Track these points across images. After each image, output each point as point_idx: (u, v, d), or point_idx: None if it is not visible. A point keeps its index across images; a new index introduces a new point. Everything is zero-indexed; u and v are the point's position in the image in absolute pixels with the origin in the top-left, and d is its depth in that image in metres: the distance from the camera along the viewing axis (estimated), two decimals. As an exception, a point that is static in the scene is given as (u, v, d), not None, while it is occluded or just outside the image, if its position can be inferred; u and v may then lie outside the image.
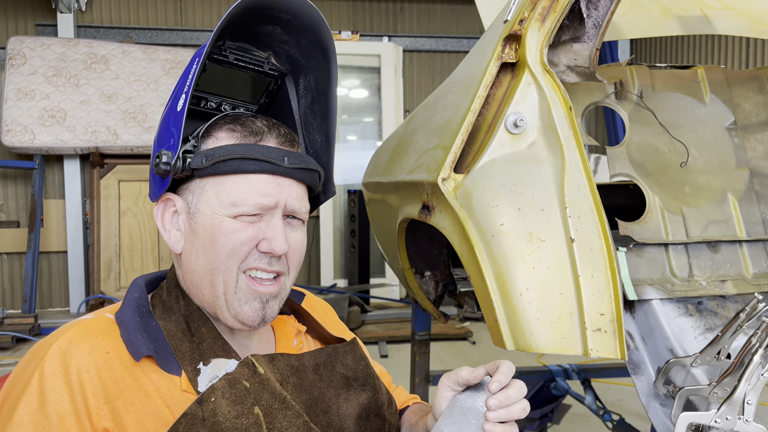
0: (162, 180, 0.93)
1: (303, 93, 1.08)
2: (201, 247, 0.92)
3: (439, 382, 0.96)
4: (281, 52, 1.05)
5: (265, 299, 0.94)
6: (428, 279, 2.20)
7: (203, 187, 0.92)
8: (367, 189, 2.38)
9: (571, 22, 1.25)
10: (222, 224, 0.90)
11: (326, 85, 1.04)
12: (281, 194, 0.92)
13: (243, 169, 0.90)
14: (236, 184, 0.90)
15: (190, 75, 0.91)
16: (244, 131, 0.93)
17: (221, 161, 0.89)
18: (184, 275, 0.95)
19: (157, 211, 0.96)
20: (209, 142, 0.93)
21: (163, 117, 0.96)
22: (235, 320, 0.93)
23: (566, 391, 3.12)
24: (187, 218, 0.94)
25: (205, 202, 0.91)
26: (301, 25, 0.98)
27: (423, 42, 7.45)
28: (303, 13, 0.96)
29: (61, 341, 0.84)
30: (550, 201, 1.13)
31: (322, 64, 1.03)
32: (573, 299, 1.08)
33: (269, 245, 0.91)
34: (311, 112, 1.08)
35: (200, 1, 7.02)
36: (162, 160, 0.89)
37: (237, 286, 0.92)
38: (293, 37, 1.01)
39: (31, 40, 6.17)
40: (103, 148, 6.16)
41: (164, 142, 0.93)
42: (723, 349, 1.16)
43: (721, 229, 1.46)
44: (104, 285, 6.13)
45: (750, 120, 1.63)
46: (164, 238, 0.96)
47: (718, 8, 1.87)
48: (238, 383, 0.86)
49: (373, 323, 5.96)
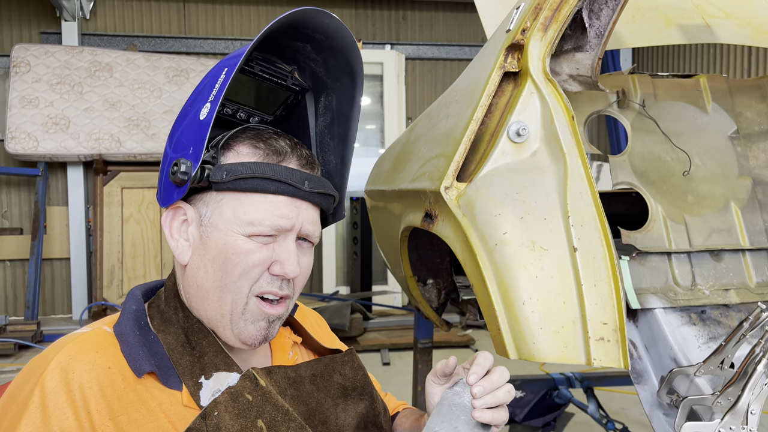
0: (177, 188, 0.90)
1: (322, 111, 1.06)
2: (211, 263, 0.90)
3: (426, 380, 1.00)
4: (306, 69, 1.04)
5: (271, 320, 0.93)
6: (431, 287, 2.20)
7: (219, 201, 0.90)
8: (370, 197, 2.38)
9: (574, 32, 1.26)
10: (236, 243, 0.88)
11: (349, 108, 1.03)
12: (298, 217, 0.91)
13: (264, 188, 0.88)
14: (255, 203, 0.89)
15: (217, 84, 0.88)
16: (267, 149, 0.91)
17: (242, 178, 0.88)
18: (188, 287, 0.94)
19: (166, 218, 0.93)
20: (230, 155, 0.91)
21: (181, 123, 0.94)
22: (237, 339, 0.92)
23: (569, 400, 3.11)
24: (198, 230, 0.92)
25: (220, 217, 0.89)
26: (333, 46, 0.97)
27: (425, 50, 7.48)
28: (337, 35, 0.95)
29: (61, 356, 0.82)
30: (552, 210, 1.13)
31: (347, 88, 1.02)
32: (576, 308, 1.08)
33: (282, 268, 0.90)
34: (329, 132, 1.06)
35: (204, 9, 7.06)
36: (180, 169, 0.86)
37: (246, 307, 0.90)
38: (322, 56, 1.00)
39: (36, 47, 6.21)
40: (106, 155, 6.19)
41: (181, 148, 0.90)
42: (726, 358, 1.15)
43: (724, 237, 1.46)
44: (107, 292, 6.13)
45: (752, 129, 1.63)
46: (171, 246, 0.93)
47: (720, 17, 1.87)
48: (240, 396, 0.85)
49: (375, 331, 5.95)
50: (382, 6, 7.45)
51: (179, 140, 0.92)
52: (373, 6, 7.43)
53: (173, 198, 0.91)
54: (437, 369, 0.97)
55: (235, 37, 6.96)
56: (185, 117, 0.93)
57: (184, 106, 0.96)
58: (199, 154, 0.86)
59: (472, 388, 0.89)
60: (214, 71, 0.92)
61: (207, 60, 6.61)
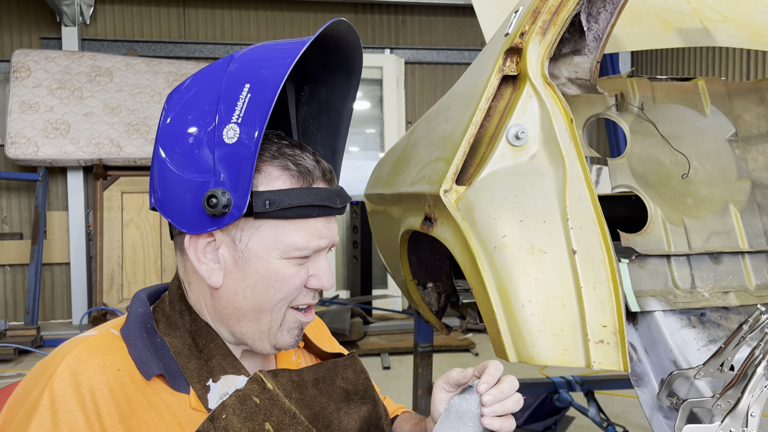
0: (211, 218, 0.85)
1: (306, 100, 1.05)
2: (251, 288, 0.89)
3: (434, 385, 0.99)
4: None
5: (303, 327, 0.96)
6: (430, 290, 2.20)
7: (259, 228, 0.87)
8: (370, 200, 2.39)
9: (572, 35, 1.26)
10: (278, 269, 0.88)
11: (341, 102, 1.03)
12: (332, 234, 0.93)
13: (307, 215, 0.88)
14: (297, 228, 0.88)
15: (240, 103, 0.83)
16: (296, 170, 0.88)
17: (288, 208, 0.86)
18: (220, 309, 0.91)
19: (189, 242, 0.89)
20: (261, 179, 0.87)
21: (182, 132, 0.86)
22: (272, 348, 0.93)
23: (569, 403, 3.11)
24: (231, 253, 0.88)
25: (260, 243, 0.87)
26: (338, 48, 0.96)
27: (424, 54, 7.49)
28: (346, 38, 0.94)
29: (70, 359, 0.82)
30: (551, 213, 1.13)
31: (341, 83, 1.01)
32: (575, 311, 1.08)
33: (319, 282, 0.92)
34: (315, 122, 1.06)
35: (203, 15, 7.08)
36: (222, 203, 0.81)
37: (284, 320, 0.92)
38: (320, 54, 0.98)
39: (36, 53, 6.22)
40: (106, 160, 6.19)
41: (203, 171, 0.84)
42: (726, 360, 1.15)
43: (723, 240, 1.46)
44: (107, 297, 6.13)
45: (751, 131, 1.63)
46: (199, 270, 0.89)
47: (718, 20, 1.88)
48: (248, 399, 0.86)
49: (375, 335, 5.94)
50: (382, 11, 7.46)
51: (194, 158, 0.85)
52: (372, 11, 7.44)
53: (206, 227, 0.85)
54: (452, 377, 0.95)
55: (235, 42, 6.97)
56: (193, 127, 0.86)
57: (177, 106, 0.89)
58: (240, 187, 0.82)
59: (482, 396, 0.89)
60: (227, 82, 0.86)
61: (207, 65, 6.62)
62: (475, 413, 0.91)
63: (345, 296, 6.98)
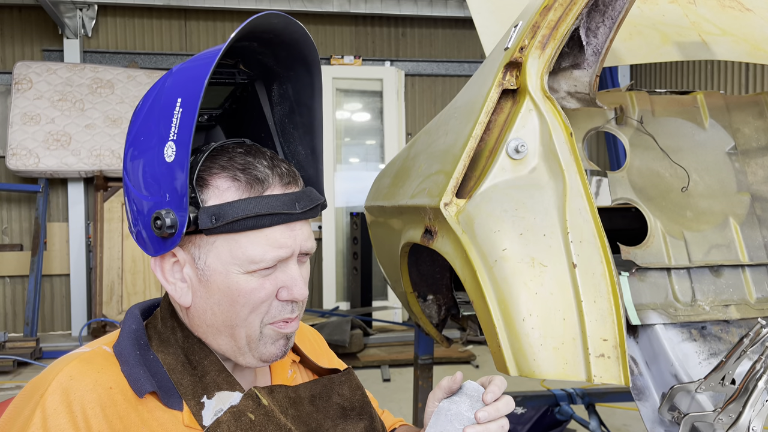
0: (164, 241, 0.85)
1: (278, 100, 1.02)
2: (218, 305, 0.88)
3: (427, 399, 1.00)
4: (251, 60, 1.00)
5: (289, 336, 0.93)
6: (431, 303, 2.20)
7: (213, 243, 0.86)
8: (370, 212, 2.39)
9: (571, 50, 1.27)
10: (239, 284, 0.86)
11: (309, 97, 0.99)
12: (295, 242, 0.89)
13: (259, 225, 0.85)
14: (251, 240, 0.85)
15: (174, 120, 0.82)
16: (248, 179, 0.86)
17: (234, 221, 0.84)
18: (196, 325, 0.91)
19: (155, 264, 0.90)
20: (209, 193, 0.85)
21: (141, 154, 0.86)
22: (258, 360, 0.91)
23: (570, 416, 3.09)
24: (194, 271, 0.88)
25: (216, 259, 0.86)
26: (283, 41, 0.93)
27: (424, 66, 7.53)
28: (287, 31, 0.91)
29: (62, 377, 0.81)
30: (552, 226, 1.14)
31: (303, 77, 0.98)
32: (576, 325, 1.08)
33: (290, 293, 0.89)
34: (290, 121, 1.02)
35: (204, 26, 7.11)
36: (166, 224, 0.81)
37: (261, 335, 0.90)
38: (270, 50, 0.96)
39: (38, 65, 6.25)
40: (107, 171, 6.20)
41: (154, 193, 0.84)
42: (727, 374, 1.15)
43: (724, 253, 1.46)
44: (106, 308, 6.12)
45: (750, 145, 1.63)
46: (168, 290, 0.90)
47: (717, 34, 1.89)
48: (243, 416, 0.85)
49: (375, 347, 5.92)
50: (382, 23, 7.50)
51: (147, 180, 0.86)
52: (372, 23, 7.48)
53: (163, 249, 0.86)
54: (443, 387, 0.96)
55: (236, 54, 7.01)
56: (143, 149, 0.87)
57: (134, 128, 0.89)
58: (181, 205, 0.82)
59: (478, 411, 0.89)
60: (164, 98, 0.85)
61: (208, 77, 6.65)
62: (464, 416, 0.91)
63: (345, 308, 6.96)
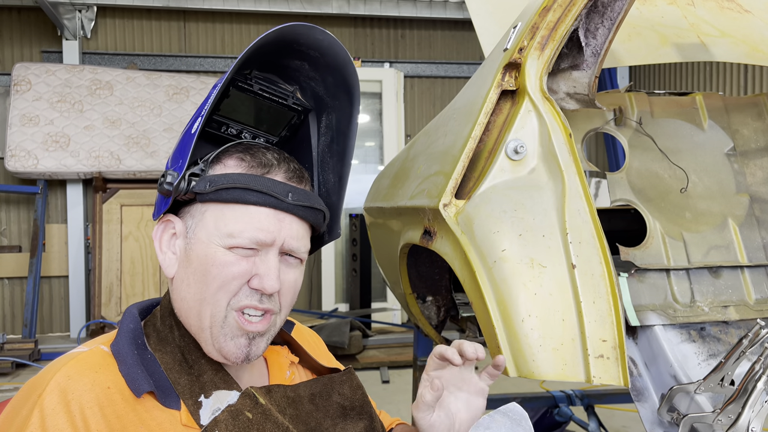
0: (164, 199, 0.91)
1: (324, 131, 1.07)
2: (193, 275, 0.90)
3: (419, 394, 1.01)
4: (307, 88, 1.05)
5: (252, 336, 0.91)
6: (430, 304, 2.20)
7: (204, 213, 0.90)
8: (369, 214, 2.39)
9: (570, 51, 1.27)
10: (216, 255, 0.88)
11: (347, 126, 1.03)
12: (280, 231, 0.90)
13: (244, 199, 0.88)
14: (236, 214, 0.88)
15: (210, 100, 0.90)
16: (252, 161, 0.91)
17: (224, 189, 0.88)
18: (175, 302, 0.93)
19: (156, 231, 0.94)
20: (217, 168, 0.92)
21: (179, 138, 0.96)
22: (219, 354, 0.90)
23: (570, 418, 3.09)
24: (184, 243, 0.92)
25: (203, 229, 0.90)
26: (329, 63, 0.98)
27: (424, 68, 7.53)
28: (331, 51, 0.96)
29: (60, 377, 0.81)
30: (551, 227, 1.14)
31: (345, 105, 1.02)
32: (575, 326, 1.08)
33: (260, 282, 0.89)
34: (329, 150, 1.06)
35: (204, 28, 7.11)
36: (166, 180, 0.87)
37: (225, 321, 0.89)
38: (320, 74, 1.01)
39: (37, 66, 6.24)
40: (106, 172, 6.20)
41: (174, 162, 0.92)
42: (726, 375, 1.15)
43: (723, 254, 1.46)
44: (105, 310, 6.11)
45: (749, 146, 1.64)
46: (159, 259, 0.94)
47: (716, 35, 1.89)
48: (240, 415, 0.85)
49: (374, 348, 5.91)
50: (381, 25, 7.51)
51: (174, 154, 0.94)
52: (372, 25, 7.49)
53: (161, 209, 0.92)
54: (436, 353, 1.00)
55: (235, 56, 7.00)
56: (183, 134, 0.95)
57: (185, 126, 0.97)
58: (185, 166, 0.88)
59: None
60: (212, 88, 0.94)
61: (207, 78, 6.65)
62: None
63: (344, 309, 6.95)
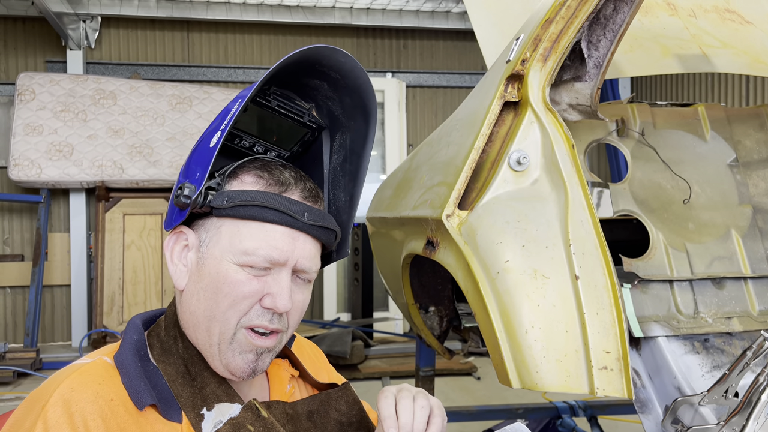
0: (180, 212, 0.90)
1: (337, 150, 1.07)
2: (203, 291, 0.89)
3: None
4: (323, 107, 1.05)
5: (260, 352, 0.91)
6: (432, 314, 2.20)
7: (219, 228, 0.90)
8: (371, 223, 2.39)
9: (573, 62, 1.28)
10: (228, 272, 0.88)
11: (362, 147, 1.03)
12: (294, 251, 0.90)
13: (261, 217, 0.88)
14: (252, 231, 0.88)
15: (230, 114, 0.90)
16: (270, 179, 0.91)
17: (242, 205, 0.87)
18: (183, 314, 0.93)
19: (168, 242, 0.94)
20: (234, 183, 0.91)
21: (194, 149, 0.95)
22: (225, 369, 0.90)
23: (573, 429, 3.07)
24: (196, 256, 0.91)
25: (217, 244, 0.89)
26: (348, 85, 0.98)
27: (426, 78, 7.55)
28: (352, 74, 0.96)
29: (63, 389, 0.81)
30: (554, 238, 1.14)
31: (361, 127, 1.02)
32: (578, 337, 1.08)
33: (273, 302, 0.88)
34: (341, 169, 1.06)
35: (207, 38, 7.15)
36: (183, 193, 0.87)
37: (234, 338, 0.89)
38: (338, 95, 1.01)
39: (41, 76, 6.28)
40: (109, 181, 6.21)
41: (190, 174, 0.91)
42: (731, 387, 1.14)
43: (726, 265, 1.46)
44: (107, 319, 6.10)
45: (751, 157, 1.64)
46: (170, 270, 0.93)
47: (717, 47, 1.90)
48: (242, 428, 0.85)
49: (376, 358, 5.90)
50: (383, 35, 7.54)
51: (189, 167, 0.93)
52: (374, 35, 7.52)
53: (176, 221, 0.91)
54: None
55: (238, 66, 7.03)
56: (199, 145, 0.94)
57: (201, 136, 0.97)
58: (203, 179, 0.87)
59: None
60: (231, 102, 0.94)
61: (210, 88, 6.67)
62: None
63: (346, 319, 6.94)
